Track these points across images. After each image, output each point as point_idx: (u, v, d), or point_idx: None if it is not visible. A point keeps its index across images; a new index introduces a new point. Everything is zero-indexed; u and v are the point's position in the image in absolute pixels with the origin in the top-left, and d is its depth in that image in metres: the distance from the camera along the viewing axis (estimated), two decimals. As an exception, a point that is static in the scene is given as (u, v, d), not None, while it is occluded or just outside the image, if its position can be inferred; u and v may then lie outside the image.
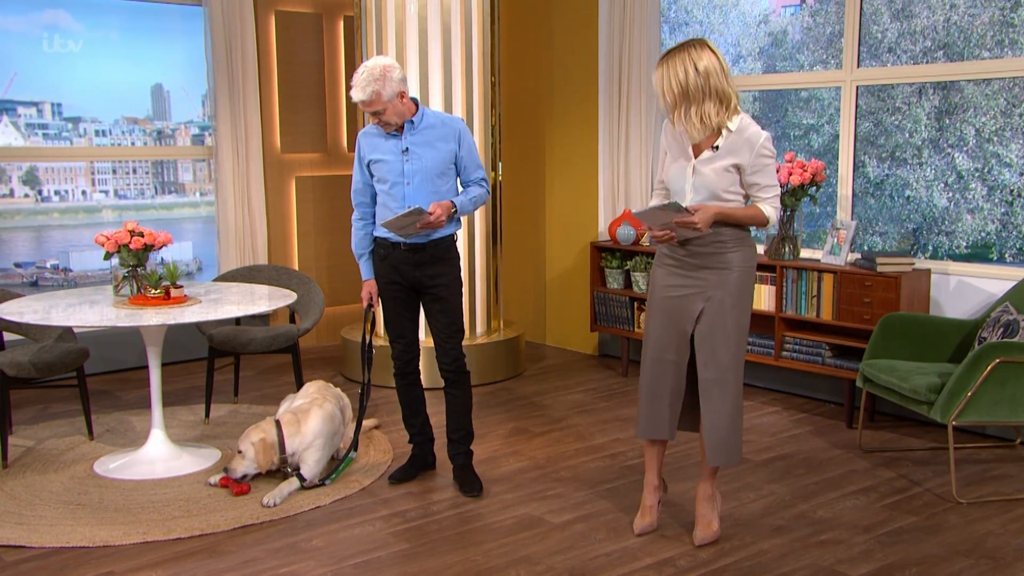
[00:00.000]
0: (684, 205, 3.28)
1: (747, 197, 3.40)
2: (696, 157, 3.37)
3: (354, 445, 4.28)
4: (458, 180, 4.06)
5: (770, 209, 3.38)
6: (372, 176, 3.99)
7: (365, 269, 4.11)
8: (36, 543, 3.56)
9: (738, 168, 3.33)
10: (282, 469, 4.08)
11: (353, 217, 4.10)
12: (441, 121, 3.98)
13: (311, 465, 4.08)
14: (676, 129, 3.40)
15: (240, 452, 4.02)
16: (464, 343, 5.84)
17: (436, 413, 4.45)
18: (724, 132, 3.33)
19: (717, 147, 3.34)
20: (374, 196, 4.03)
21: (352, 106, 6.90)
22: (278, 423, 4.10)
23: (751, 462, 4.42)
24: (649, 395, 3.53)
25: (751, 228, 3.49)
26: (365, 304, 4.14)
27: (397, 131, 3.90)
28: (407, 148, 3.90)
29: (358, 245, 4.10)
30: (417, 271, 3.98)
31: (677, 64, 3.28)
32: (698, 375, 3.45)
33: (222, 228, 6.43)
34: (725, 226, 3.37)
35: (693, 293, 3.42)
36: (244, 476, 4.03)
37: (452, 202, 3.89)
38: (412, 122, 3.90)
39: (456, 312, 4.07)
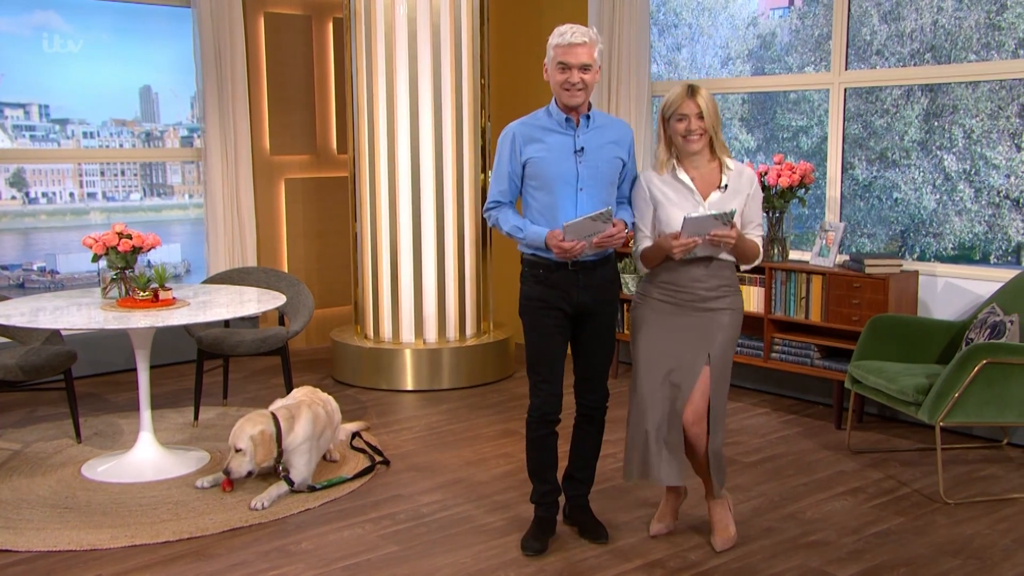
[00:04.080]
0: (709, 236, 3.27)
1: None
2: (705, 200, 3.37)
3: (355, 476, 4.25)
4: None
5: (760, 239, 3.48)
6: (523, 180, 3.39)
7: (536, 229, 3.32)
8: (23, 547, 3.54)
9: (744, 203, 3.40)
10: (276, 466, 4.05)
11: (491, 212, 3.44)
12: (612, 122, 3.45)
13: (300, 468, 4.06)
14: (680, 173, 3.36)
15: (239, 450, 3.94)
16: (454, 345, 5.89)
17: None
18: (725, 171, 3.37)
19: (725, 187, 3.36)
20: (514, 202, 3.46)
21: (342, 107, 6.89)
22: (274, 415, 4.07)
23: (740, 463, 4.43)
24: (656, 435, 3.40)
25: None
26: (579, 249, 3.25)
27: (571, 118, 3.33)
28: (582, 148, 3.32)
29: (511, 218, 3.38)
30: (584, 294, 3.40)
31: (705, 93, 3.32)
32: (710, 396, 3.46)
33: (211, 230, 6.42)
34: (724, 270, 3.41)
35: (700, 326, 3.41)
36: (249, 474, 3.98)
37: (625, 222, 3.38)
38: (588, 117, 3.35)
39: (613, 344, 3.58)
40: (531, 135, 3.36)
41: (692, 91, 3.29)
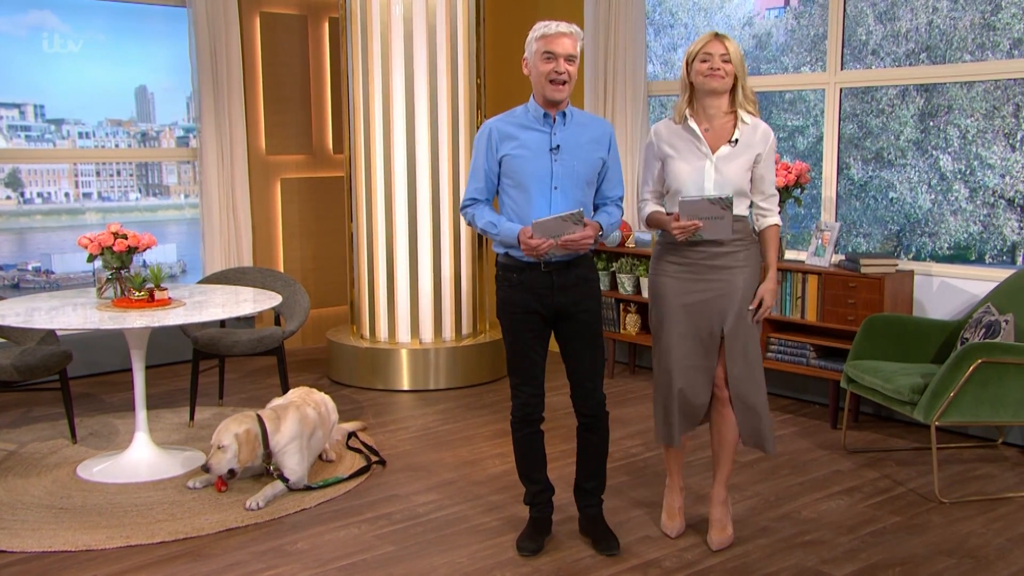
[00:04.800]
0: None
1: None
2: (713, 153, 3.34)
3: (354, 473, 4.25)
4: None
5: (777, 215, 3.46)
6: (499, 177, 3.35)
7: (509, 225, 3.27)
8: (18, 548, 3.54)
9: (755, 161, 3.36)
10: (266, 467, 4.06)
11: (467, 209, 3.39)
12: (592, 120, 3.41)
13: (292, 468, 4.05)
14: (691, 122, 3.35)
15: (221, 447, 3.94)
16: (450, 345, 5.88)
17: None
18: (739, 125, 3.34)
19: (736, 141, 3.33)
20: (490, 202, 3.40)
21: (337, 107, 6.89)
22: (259, 417, 4.07)
23: (736, 463, 4.42)
24: (679, 403, 3.43)
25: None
26: (545, 248, 3.19)
27: (548, 115, 3.29)
28: (558, 146, 3.28)
29: (486, 214, 3.32)
30: (560, 296, 3.34)
31: (733, 40, 3.31)
32: (728, 370, 3.42)
33: (207, 230, 6.41)
34: (736, 223, 3.36)
35: (717, 294, 3.39)
36: (231, 472, 3.99)
37: (600, 224, 3.30)
38: (565, 114, 3.32)
39: (602, 344, 3.45)
40: (508, 132, 3.33)
41: (719, 35, 3.31)
